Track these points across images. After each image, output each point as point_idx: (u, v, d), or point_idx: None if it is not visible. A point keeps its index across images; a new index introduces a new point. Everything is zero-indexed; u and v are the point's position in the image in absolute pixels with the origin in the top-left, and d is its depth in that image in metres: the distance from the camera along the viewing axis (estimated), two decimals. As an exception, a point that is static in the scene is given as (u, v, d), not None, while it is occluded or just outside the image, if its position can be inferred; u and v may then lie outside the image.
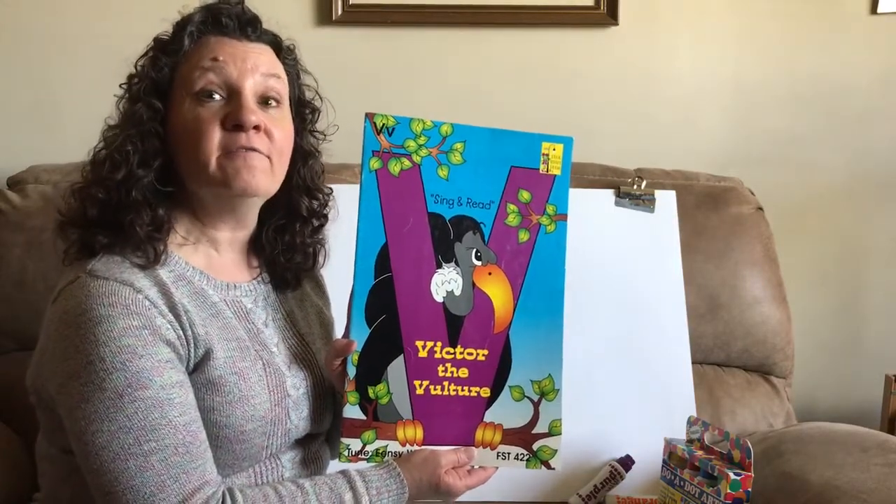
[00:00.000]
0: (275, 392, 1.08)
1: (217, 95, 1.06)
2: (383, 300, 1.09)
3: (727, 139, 2.01)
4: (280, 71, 1.12)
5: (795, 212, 2.01)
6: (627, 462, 1.54)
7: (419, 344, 1.11)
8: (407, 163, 1.11)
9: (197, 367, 1.03)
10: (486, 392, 1.13)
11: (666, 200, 1.72)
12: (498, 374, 1.13)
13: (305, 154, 1.18)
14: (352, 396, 1.09)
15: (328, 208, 1.23)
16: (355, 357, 1.09)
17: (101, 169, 1.05)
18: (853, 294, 2.07)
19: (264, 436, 1.06)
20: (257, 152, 1.05)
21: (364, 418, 1.09)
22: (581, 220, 1.26)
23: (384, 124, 1.10)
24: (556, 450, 1.14)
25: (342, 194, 1.25)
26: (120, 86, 1.10)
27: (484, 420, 1.13)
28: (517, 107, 1.96)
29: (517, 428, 1.13)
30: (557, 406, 1.14)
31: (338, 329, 1.17)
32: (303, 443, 1.16)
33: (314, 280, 1.29)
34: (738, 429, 1.68)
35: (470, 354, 1.12)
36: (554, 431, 1.14)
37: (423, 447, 1.11)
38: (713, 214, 1.76)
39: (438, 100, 1.94)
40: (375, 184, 1.09)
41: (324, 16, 1.90)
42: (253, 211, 1.14)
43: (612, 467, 1.53)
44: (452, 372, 1.12)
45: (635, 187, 1.73)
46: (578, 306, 1.25)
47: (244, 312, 1.12)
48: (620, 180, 1.75)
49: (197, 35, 1.08)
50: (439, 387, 1.11)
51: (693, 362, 1.66)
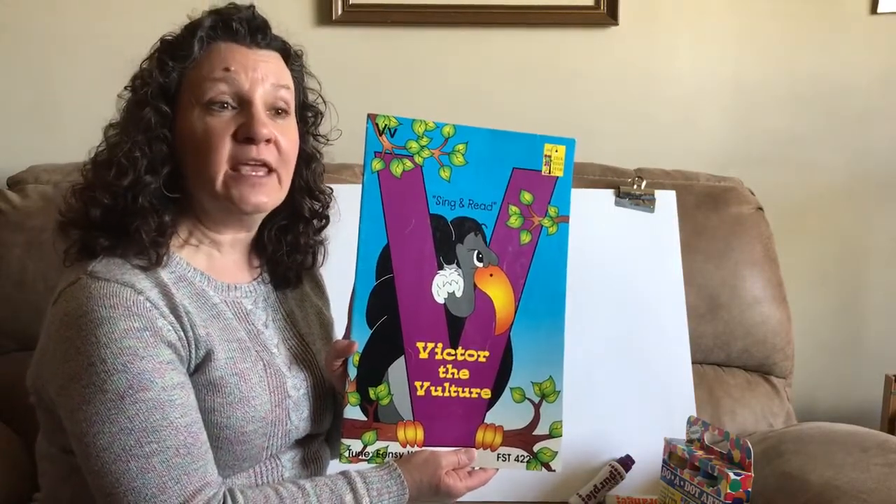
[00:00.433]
0: (275, 393, 1.08)
1: (228, 105, 1.05)
2: (384, 301, 1.09)
3: (727, 139, 2.01)
4: (289, 80, 1.12)
5: (795, 212, 2.01)
6: (627, 462, 1.54)
7: (420, 345, 1.10)
8: (409, 164, 1.10)
9: (198, 369, 1.03)
10: (487, 393, 1.13)
11: (666, 200, 1.72)
12: (499, 376, 1.13)
13: (308, 157, 1.18)
14: (352, 397, 1.09)
15: (330, 209, 1.23)
16: (356, 358, 1.08)
17: (107, 173, 1.04)
18: (853, 294, 2.07)
19: (265, 437, 1.07)
20: (265, 167, 1.06)
21: (365, 419, 1.09)
22: (581, 220, 1.26)
23: (386, 125, 1.10)
24: (557, 451, 1.14)
25: (342, 194, 1.25)
26: (125, 88, 1.09)
27: (484, 421, 1.13)
28: (517, 107, 1.96)
29: (518, 429, 1.13)
30: (558, 408, 1.13)
31: (338, 329, 1.16)
32: (303, 443, 1.16)
33: (314, 280, 1.29)
34: (738, 429, 1.68)
35: (471, 356, 1.12)
36: (554, 433, 1.14)
37: (424, 448, 1.11)
38: (713, 214, 1.76)
39: (438, 100, 1.94)
40: (377, 185, 1.09)
41: (324, 16, 1.90)
42: (258, 218, 1.14)
43: (612, 467, 1.53)
44: (453, 373, 1.12)
45: (635, 187, 1.73)
46: (578, 306, 1.25)
47: (244, 313, 1.12)
48: (620, 180, 1.75)
49: (207, 41, 1.07)
50: (440, 388, 1.11)
51: (693, 362, 1.66)
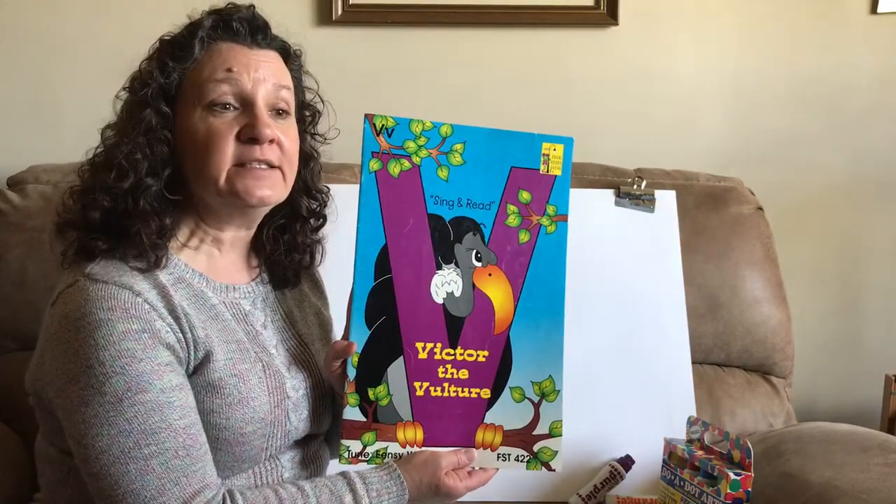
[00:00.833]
0: (274, 394, 1.08)
1: (230, 106, 1.05)
2: (383, 301, 1.09)
3: (727, 139, 2.01)
4: (289, 80, 1.12)
5: (795, 212, 2.01)
6: (627, 462, 1.54)
7: (419, 345, 1.10)
8: (407, 164, 1.10)
9: (197, 370, 1.03)
10: (487, 393, 1.13)
11: (666, 200, 1.72)
12: (498, 376, 1.13)
13: (306, 156, 1.18)
14: (352, 398, 1.09)
15: (327, 208, 1.23)
16: (355, 358, 1.08)
17: (107, 175, 1.03)
18: (853, 294, 2.07)
19: (264, 437, 1.06)
20: (269, 165, 1.06)
21: (364, 420, 1.09)
22: (581, 220, 1.26)
23: (384, 125, 1.09)
24: (557, 451, 1.14)
25: (342, 194, 1.25)
26: (123, 88, 1.09)
27: (484, 421, 1.13)
28: (517, 107, 1.96)
29: (518, 429, 1.13)
30: (558, 407, 1.13)
31: (337, 330, 1.17)
32: (302, 443, 1.16)
33: (312, 280, 1.29)
34: (738, 429, 1.68)
35: (470, 356, 1.12)
36: (554, 433, 1.14)
37: (424, 449, 1.11)
38: (713, 214, 1.75)
39: (438, 100, 1.94)
40: (375, 185, 1.09)
41: (324, 16, 1.90)
42: (261, 213, 1.14)
43: (612, 467, 1.53)
44: (452, 373, 1.12)
45: (635, 187, 1.73)
46: (578, 306, 1.25)
47: (243, 314, 1.12)
48: (620, 180, 1.75)
49: (207, 41, 1.07)
50: (439, 388, 1.11)
51: (693, 362, 1.66)
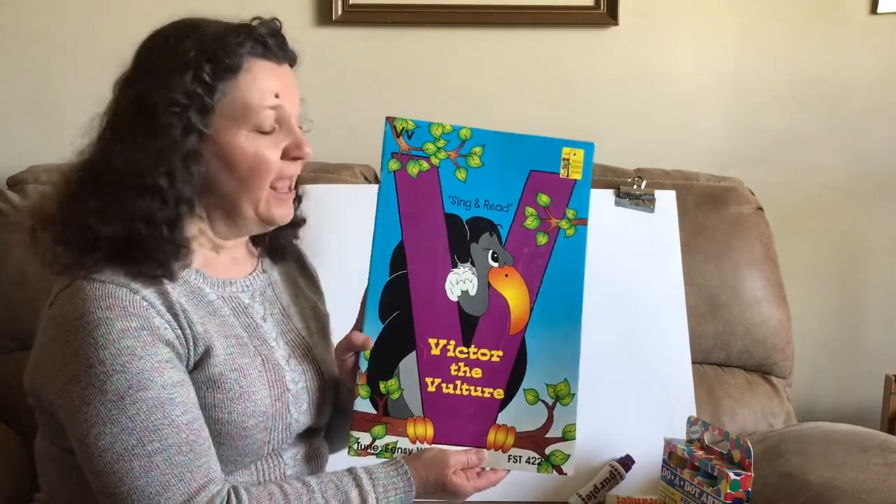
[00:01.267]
0: (274, 387, 1.08)
1: (275, 129, 1.07)
2: (397, 296, 1.10)
3: (727, 139, 2.01)
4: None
5: (795, 212, 2.01)
6: (627, 462, 1.54)
7: (432, 341, 1.11)
8: (425, 165, 1.11)
9: (197, 366, 1.03)
10: (500, 394, 1.12)
11: (666, 200, 1.72)
12: (512, 376, 1.12)
13: None
14: (363, 390, 1.09)
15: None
16: (367, 351, 1.09)
17: (136, 196, 1.00)
18: (853, 294, 2.07)
19: (266, 431, 1.07)
20: (291, 182, 1.10)
21: (374, 412, 1.10)
22: (581, 220, 1.25)
23: (404, 128, 1.11)
24: (570, 455, 1.12)
25: (342, 194, 1.25)
26: (139, 90, 1.04)
27: (497, 422, 1.12)
28: (517, 107, 1.96)
29: (530, 431, 1.12)
30: (572, 411, 1.12)
31: (344, 324, 1.17)
32: (304, 439, 1.16)
33: (308, 276, 1.29)
34: (738, 429, 1.68)
35: (484, 355, 1.12)
36: (568, 436, 1.12)
37: (433, 446, 1.11)
38: (713, 214, 1.75)
39: (438, 100, 1.94)
40: (394, 184, 1.11)
41: (324, 16, 1.90)
42: None
43: (612, 467, 1.53)
44: (465, 371, 1.11)
45: (635, 187, 1.73)
46: (578, 306, 1.25)
47: (242, 308, 1.12)
48: (620, 180, 1.75)
49: (245, 56, 1.04)
50: (451, 386, 1.11)
51: (693, 362, 1.66)
